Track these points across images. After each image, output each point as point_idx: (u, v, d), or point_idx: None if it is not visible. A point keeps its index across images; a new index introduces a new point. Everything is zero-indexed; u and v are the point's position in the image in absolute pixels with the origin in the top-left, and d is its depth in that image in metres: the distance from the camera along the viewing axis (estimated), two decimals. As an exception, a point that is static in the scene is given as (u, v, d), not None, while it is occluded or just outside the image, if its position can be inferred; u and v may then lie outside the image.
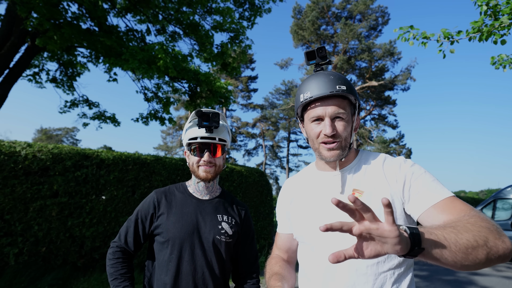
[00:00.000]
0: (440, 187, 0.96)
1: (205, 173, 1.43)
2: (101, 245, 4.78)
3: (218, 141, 1.44)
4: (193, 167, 1.46)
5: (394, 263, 0.97)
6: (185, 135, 1.48)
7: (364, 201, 1.00)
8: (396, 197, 1.00)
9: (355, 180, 1.08)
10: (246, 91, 35.63)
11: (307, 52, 1.15)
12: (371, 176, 1.06)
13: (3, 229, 4.07)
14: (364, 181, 1.06)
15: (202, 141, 1.42)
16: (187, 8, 8.72)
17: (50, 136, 42.68)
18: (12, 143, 4.33)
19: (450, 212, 0.88)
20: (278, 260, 1.31)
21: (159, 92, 9.81)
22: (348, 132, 1.07)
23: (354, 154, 1.15)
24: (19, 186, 4.17)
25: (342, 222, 0.67)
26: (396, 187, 1.01)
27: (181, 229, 1.38)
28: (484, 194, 53.77)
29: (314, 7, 27.25)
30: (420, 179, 0.99)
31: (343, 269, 1.00)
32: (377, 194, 1.02)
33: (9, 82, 7.87)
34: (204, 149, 1.43)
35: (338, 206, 0.65)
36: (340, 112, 1.04)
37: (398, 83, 28.48)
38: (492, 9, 3.59)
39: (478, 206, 9.22)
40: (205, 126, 1.40)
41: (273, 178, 38.99)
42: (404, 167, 1.03)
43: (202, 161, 1.42)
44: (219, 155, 1.46)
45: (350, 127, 1.08)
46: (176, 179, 5.69)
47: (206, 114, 1.40)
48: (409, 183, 0.99)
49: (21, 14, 5.81)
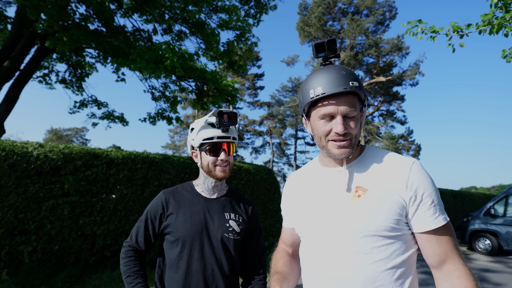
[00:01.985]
0: (439, 212, 0.99)
1: (222, 173, 1.45)
2: (112, 243, 4.86)
3: (232, 139, 1.47)
4: (209, 167, 1.46)
5: (396, 261, 0.96)
6: (197, 136, 1.47)
7: (367, 199, 0.99)
8: (400, 201, 0.98)
9: (359, 177, 1.06)
10: (253, 88, 35.59)
11: (316, 44, 1.07)
12: (376, 174, 1.03)
13: (17, 227, 4.16)
14: (369, 178, 1.04)
15: (218, 140, 1.43)
16: (193, 7, 8.75)
17: (60, 136, 43.39)
18: (24, 143, 4.42)
19: (439, 246, 0.98)
20: (283, 255, 1.33)
21: (166, 91, 9.89)
22: (358, 129, 1.04)
23: (359, 150, 1.12)
24: (32, 186, 4.26)
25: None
26: (404, 192, 0.98)
27: (190, 228, 1.41)
28: (495, 190, 52.85)
29: (320, 2, 27.03)
30: (428, 198, 0.98)
31: (343, 266, 1.00)
32: (381, 194, 0.99)
33: (20, 84, 8.03)
34: (219, 149, 1.45)
35: None
36: (352, 110, 1.00)
37: (406, 78, 28.11)
38: (503, 1, 3.51)
39: (490, 202, 9.07)
40: (224, 126, 1.42)
41: (280, 176, 38.97)
42: (417, 175, 1.00)
43: (220, 160, 1.44)
44: (232, 153, 1.49)
45: (359, 124, 1.05)
46: (184, 177, 5.74)
47: (226, 114, 1.42)
48: (420, 198, 0.98)
49: (31, 16, 5.91)
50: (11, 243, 4.11)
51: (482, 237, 9.03)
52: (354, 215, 1.00)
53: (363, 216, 0.98)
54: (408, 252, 0.99)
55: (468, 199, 14.30)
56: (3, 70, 7.51)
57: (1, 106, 7.78)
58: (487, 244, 8.89)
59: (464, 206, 13.71)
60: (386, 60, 27.70)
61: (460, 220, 10.04)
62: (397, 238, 0.98)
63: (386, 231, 0.97)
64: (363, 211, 0.99)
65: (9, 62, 7.58)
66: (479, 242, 9.08)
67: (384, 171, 1.03)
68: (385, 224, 0.96)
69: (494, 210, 8.89)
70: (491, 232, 8.84)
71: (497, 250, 8.65)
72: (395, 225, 0.97)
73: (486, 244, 8.90)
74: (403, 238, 0.99)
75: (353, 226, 0.99)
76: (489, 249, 8.81)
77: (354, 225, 0.99)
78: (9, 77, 7.73)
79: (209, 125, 1.46)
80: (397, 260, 0.97)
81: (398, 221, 0.98)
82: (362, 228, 0.98)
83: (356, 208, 1.00)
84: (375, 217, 0.97)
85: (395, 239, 0.98)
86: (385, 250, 0.97)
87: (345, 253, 1.00)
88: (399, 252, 0.97)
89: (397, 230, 0.97)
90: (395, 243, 0.97)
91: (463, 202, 13.74)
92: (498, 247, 8.63)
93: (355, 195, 1.02)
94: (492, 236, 8.79)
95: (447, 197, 12.67)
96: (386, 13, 27.44)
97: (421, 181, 0.99)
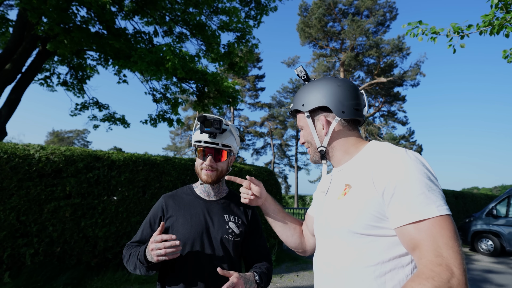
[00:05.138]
0: (417, 205, 0.84)
1: (206, 176, 1.48)
2: (114, 245, 4.86)
3: (221, 146, 1.48)
4: (197, 169, 1.53)
5: (376, 260, 0.93)
6: (193, 136, 1.53)
7: (349, 197, 0.99)
8: (377, 197, 0.92)
9: (349, 174, 1.06)
10: (254, 90, 35.61)
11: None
12: (361, 171, 1.00)
13: (19, 230, 4.17)
14: (355, 175, 1.02)
15: (206, 145, 1.47)
16: (193, 8, 8.77)
17: (61, 138, 43.49)
18: (26, 146, 4.43)
19: (412, 247, 0.84)
20: (300, 223, 1.48)
21: (167, 93, 9.91)
22: (311, 137, 1.18)
23: (359, 148, 1.12)
24: (34, 188, 4.27)
25: None
26: (382, 187, 0.91)
27: (191, 230, 1.43)
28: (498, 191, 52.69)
29: (320, 4, 27.04)
30: (404, 190, 0.87)
31: (328, 262, 1.04)
32: (361, 190, 0.97)
33: (22, 86, 8.06)
34: (208, 153, 1.48)
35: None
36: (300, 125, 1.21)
37: (407, 79, 28.05)
38: (503, 2, 3.51)
39: (492, 203, 9.04)
40: (206, 132, 1.44)
41: (282, 177, 38.95)
42: (395, 168, 0.90)
43: (204, 164, 1.47)
44: (223, 160, 1.50)
45: (312, 133, 1.17)
46: (185, 179, 5.74)
47: (208, 120, 1.43)
48: (393, 190, 0.88)
49: (32, 20, 5.94)
50: (13, 246, 4.12)
51: (484, 238, 9.00)
52: (336, 212, 1.03)
53: (343, 213, 1.00)
54: (392, 252, 0.92)
55: (470, 200, 14.26)
56: (5, 73, 7.55)
57: (3, 108, 7.81)
58: (489, 245, 8.86)
59: (466, 206, 13.67)
60: (387, 61, 27.66)
61: (462, 221, 10.00)
62: (377, 236, 0.93)
63: (362, 228, 0.93)
64: (344, 208, 1.00)
65: (11, 65, 7.61)
66: (482, 243, 9.04)
67: (367, 166, 0.98)
68: (362, 222, 0.93)
69: (496, 211, 8.86)
70: (493, 233, 8.80)
71: (500, 251, 8.61)
72: (374, 222, 0.92)
73: (489, 245, 8.87)
74: (386, 235, 0.92)
75: (334, 223, 1.03)
76: (491, 250, 8.77)
77: (334, 222, 1.03)
78: (11, 79, 7.76)
79: (199, 129, 1.50)
80: (377, 258, 0.92)
81: (377, 219, 0.92)
82: (340, 225, 1.00)
83: (340, 206, 1.02)
84: (353, 214, 0.96)
85: (375, 236, 0.93)
86: (364, 248, 0.94)
87: (329, 249, 1.05)
88: (380, 250, 0.92)
89: (376, 228, 0.92)
90: (374, 241, 0.93)
91: (465, 203, 13.70)
92: (501, 248, 8.60)
93: (342, 193, 1.04)
94: (494, 237, 8.75)
95: (449, 197, 12.64)
96: (387, 13, 27.43)
97: (396, 173, 0.89)
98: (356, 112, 1.11)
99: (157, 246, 1.20)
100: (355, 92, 1.13)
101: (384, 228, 0.92)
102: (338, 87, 1.12)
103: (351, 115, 1.10)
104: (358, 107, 1.12)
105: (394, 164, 0.91)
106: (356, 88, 1.15)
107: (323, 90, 1.12)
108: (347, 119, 1.12)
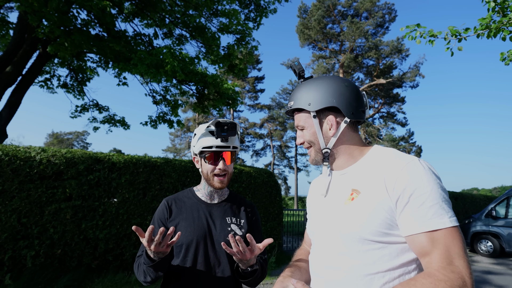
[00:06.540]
0: (432, 215, 0.86)
1: (220, 184, 1.47)
2: (114, 247, 4.88)
3: (232, 148, 1.48)
4: (207, 176, 1.48)
5: (384, 267, 0.93)
6: (197, 143, 1.48)
7: (358, 202, 0.98)
8: (389, 204, 0.92)
9: (356, 179, 1.04)
10: (253, 91, 35.66)
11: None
12: (371, 176, 1.00)
13: (20, 232, 4.19)
14: (364, 181, 1.01)
15: (217, 150, 1.44)
16: (193, 11, 8.81)
17: (61, 140, 43.48)
18: (27, 148, 4.45)
19: (424, 255, 0.86)
20: (303, 252, 1.36)
21: (167, 95, 9.92)
22: (312, 137, 1.13)
23: (363, 152, 1.11)
24: (35, 190, 4.29)
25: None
26: (393, 194, 0.91)
27: (193, 233, 1.43)
28: (497, 192, 52.69)
29: (319, 5, 27.11)
30: (418, 199, 0.88)
31: (331, 267, 1.01)
32: (372, 196, 0.96)
33: (22, 89, 8.08)
34: (218, 157, 1.46)
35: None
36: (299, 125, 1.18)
37: (406, 80, 28.11)
38: (500, 6, 3.54)
39: (491, 204, 9.06)
40: (223, 137, 1.43)
41: (281, 179, 38.94)
42: (408, 176, 0.91)
43: (218, 169, 1.45)
44: (232, 162, 1.50)
45: (314, 132, 1.13)
46: (186, 181, 5.76)
47: (225, 125, 1.43)
48: (407, 199, 0.89)
49: (32, 22, 5.97)
50: (14, 248, 4.13)
51: (484, 239, 9.01)
52: (344, 217, 1.00)
53: (352, 219, 0.98)
54: (401, 258, 0.93)
55: (469, 201, 14.27)
56: (5, 75, 7.57)
57: (4, 111, 7.83)
58: (489, 246, 8.87)
59: (465, 208, 13.69)
60: (386, 62, 27.73)
61: (462, 222, 10.02)
62: (388, 243, 0.93)
63: (373, 235, 0.93)
64: (353, 213, 0.98)
65: (11, 67, 7.64)
66: (481, 244, 9.06)
67: (378, 172, 0.98)
68: (372, 228, 0.93)
69: (496, 212, 8.87)
70: (493, 234, 8.82)
71: (499, 252, 8.63)
72: (385, 229, 0.92)
73: (488, 246, 8.89)
74: (396, 243, 0.93)
75: (343, 229, 1.00)
76: (491, 251, 8.79)
77: (343, 227, 1.00)
78: (12, 82, 7.78)
79: (209, 133, 1.46)
80: (385, 265, 0.92)
81: (389, 226, 0.92)
82: (349, 231, 0.97)
83: (348, 211, 1.00)
84: (363, 220, 0.95)
85: (386, 243, 0.93)
86: (372, 254, 0.93)
87: (333, 255, 1.02)
88: (389, 257, 0.92)
89: (387, 235, 0.92)
90: (385, 248, 0.93)
91: (464, 204, 13.71)
92: (500, 249, 8.61)
93: (349, 198, 1.02)
94: (494, 238, 8.77)
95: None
96: (386, 15, 27.51)
97: (411, 181, 0.89)
98: (362, 114, 1.10)
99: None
100: (359, 93, 1.11)
101: (394, 235, 0.93)
102: (346, 87, 1.08)
103: (359, 116, 1.08)
104: (363, 109, 1.10)
105: (410, 172, 0.91)
106: (359, 89, 1.14)
107: (331, 90, 1.08)
108: (352, 121, 1.09)
